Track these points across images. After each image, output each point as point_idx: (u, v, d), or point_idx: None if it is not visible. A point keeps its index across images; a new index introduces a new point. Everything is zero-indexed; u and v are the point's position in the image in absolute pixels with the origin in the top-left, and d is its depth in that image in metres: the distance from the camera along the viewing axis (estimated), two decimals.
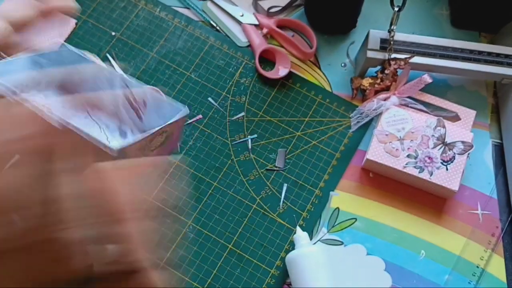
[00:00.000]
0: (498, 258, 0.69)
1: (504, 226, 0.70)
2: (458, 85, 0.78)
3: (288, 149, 0.73)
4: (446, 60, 0.72)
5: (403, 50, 0.72)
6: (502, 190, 0.72)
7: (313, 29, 0.79)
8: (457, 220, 0.70)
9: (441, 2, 0.84)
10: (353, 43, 0.80)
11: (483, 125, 0.76)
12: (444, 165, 0.69)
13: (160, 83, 0.77)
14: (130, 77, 0.35)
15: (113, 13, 0.81)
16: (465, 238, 0.69)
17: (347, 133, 0.74)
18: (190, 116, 0.75)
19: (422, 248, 0.69)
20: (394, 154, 0.69)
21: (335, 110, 0.76)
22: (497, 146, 0.75)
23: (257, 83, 0.77)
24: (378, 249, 0.68)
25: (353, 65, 0.79)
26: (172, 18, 0.81)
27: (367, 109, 0.73)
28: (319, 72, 0.78)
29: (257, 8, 0.82)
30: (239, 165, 0.72)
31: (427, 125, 0.71)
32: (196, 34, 0.80)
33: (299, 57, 0.79)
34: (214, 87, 0.77)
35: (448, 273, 0.68)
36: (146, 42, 0.79)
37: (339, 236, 0.69)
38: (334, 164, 0.73)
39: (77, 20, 0.80)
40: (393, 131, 0.71)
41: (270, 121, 0.75)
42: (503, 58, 0.72)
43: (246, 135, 0.74)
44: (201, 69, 0.78)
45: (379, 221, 0.70)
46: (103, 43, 0.79)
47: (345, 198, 0.71)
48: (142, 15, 0.81)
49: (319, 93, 0.77)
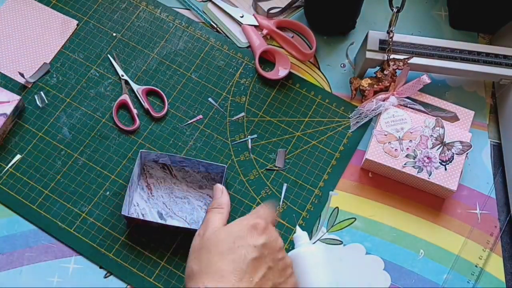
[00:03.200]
0: (497, 258, 0.69)
1: (503, 226, 0.71)
2: (457, 85, 0.78)
3: (287, 149, 0.74)
4: (444, 61, 0.73)
5: (402, 51, 0.73)
6: (500, 189, 0.73)
7: (312, 30, 0.79)
8: (455, 220, 0.71)
9: (440, 3, 0.84)
10: (352, 44, 0.81)
11: (482, 125, 0.76)
12: (442, 165, 0.69)
13: (160, 83, 0.77)
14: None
15: (114, 14, 0.81)
16: (463, 238, 0.70)
17: (347, 133, 0.75)
18: (190, 117, 0.75)
19: (421, 247, 0.69)
20: (393, 154, 0.70)
21: (335, 111, 0.76)
22: (495, 146, 0.75)
23: (257, 83, 0.77)
24: (377, 248, 0.69)
25: (352, 65, 0.79)
26: (173, 19, 0.81)
27: (366, 109, 0.73)
28: (319, 72, 0.79)
29: (257, 9, 0.82)
30: (239, 165, 0.73)
31: (425, 125, 0.71)
32: (197, 35, 0.80)
33: (299, 58, 0.79)
34: (214, 88, 0.77)
35: (447, 272, 0.68)
36: (147, 43, 0.80)
37: (338, 236, 0.69)
38: (334, 164, 0.73)
39: (78, 21, 0.80)
40: (392, 131, 0.71)
41: (270, 121, 0.75)
42: (501, 58, 0.73)
43: (246, 135, 0.74)
44: (201, 70, 0.78)
45: (378, 220, 0.70)
46: (104, 44, 0.79)
47: (345, 198, 0.71)
48: (143, 16, 0.81)
49: (318, 93, 0.77)
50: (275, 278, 0.50)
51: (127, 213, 0.67)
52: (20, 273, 0.66)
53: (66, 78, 0.77)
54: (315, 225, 0.70)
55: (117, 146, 0.73)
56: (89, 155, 0.73)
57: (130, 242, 0.68)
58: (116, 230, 0.68)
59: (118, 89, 0.76)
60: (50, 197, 0.70)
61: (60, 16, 0.81)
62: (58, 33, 0.80)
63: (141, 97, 0.75)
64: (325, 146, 0.74)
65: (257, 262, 0.49)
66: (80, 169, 0.72)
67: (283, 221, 0.70)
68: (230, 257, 0.49)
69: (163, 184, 0.71)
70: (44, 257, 0.67)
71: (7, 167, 0.71)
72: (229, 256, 0.49)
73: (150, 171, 0.71)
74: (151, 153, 0.70)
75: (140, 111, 0.75)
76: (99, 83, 0.77)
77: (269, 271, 0.50)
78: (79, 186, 0.71)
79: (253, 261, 0.49)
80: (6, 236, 0.68)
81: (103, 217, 0.69)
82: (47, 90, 0.76)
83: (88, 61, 0.78)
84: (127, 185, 0.68)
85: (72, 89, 0.76)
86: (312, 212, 0.71)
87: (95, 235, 0.68)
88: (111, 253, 0.67)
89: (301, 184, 0.72)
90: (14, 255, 0.67)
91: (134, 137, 0.74)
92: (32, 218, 0.69)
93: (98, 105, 0.75)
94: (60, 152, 0.72)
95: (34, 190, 0.70)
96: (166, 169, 0.71)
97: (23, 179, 0.71)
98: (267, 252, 0.50)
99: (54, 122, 0.74)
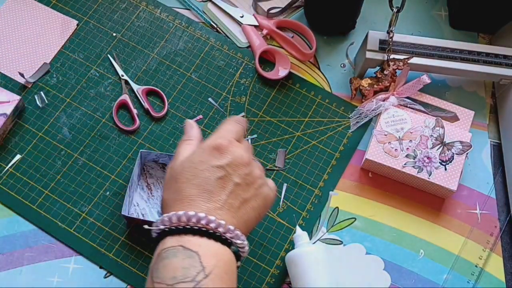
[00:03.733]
0: (497, 258, 0.69)
1: (503, 226, 0.71)
2: (457, 85, 0.78)
3: (287, 149, 0.74)
4: (444, 61, 0.73)
5: (402, 51, 0.73)
6: (500, 189, 0.73)
7: (312, 30, 0.79)
8: (456, 220, 0.71)
9: (440, 3, 0.84)
10: (352, 44, 0.81)
11: (482, 125, 0.76)
12: (442, 165, 0.69)
13: (160, 83, 0.77)
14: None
15: (114, 14, 0.81)
16: (463, 238, 0.70)
17: (347, 133, 0.75)
18: (190, 117, 0.75)
19: (421, 247, 0.69)
20: (393, 154, 0.70)
21: (335, 111, 0.76)
22: (495, 146, 0.75)
23: (257, 83, 0.77)
24: (377, 248, 0.69)
25: (352, 65, 0.79)
26: (173, 19, 0.81)
27: (366, 109, 0.73)
28: (319, 72, 0.79)
29: (257, 9, 0.82)
30: None
31: (425, 125, 0.71)
32: (197, 35, 0.80)
33: (299, 58, 0.79)
34: (214, 88, 0.77)
35: (447, 272, 0.68)
36: (147, 43, 0.80)
37: (338, 236, 0.69)
38: (334, 164, 0.73)
39: (78, 21, 0.80)
40: (392, 131, 0.71)
41: (270, 121, 0.75)
42: (501, 58, 0.73)
43: (246, 135, 0.74)
44: (201, 70, 0.78)
45: (378, 220, 0.70)
46: (104, 44, 0.79)
47: (345, 198, 0.71)
48: (143, 16, 0.81)
49: (318, 93, 0.77)
50: (244, 193, 0.51)
51: (127, 213, 0.67)
52: (20, 273, 0.66)
53: (66, 78, 0.77)
54: (315, 225, 0.70)
55: (117, 146, 0.73)
56: (89, 155, 0.73)
57: (130, 242, 0.68)
58: (116, 230, 0.68)
59: (118, 89, 0.77)
60: (50, 197, 0.70)
61: (60, 16, 0.81)
62: (58, 33, 0.80)
63: (141, 97, 0.75)
64: (325, 146, 0.74)
65: (223, 181, 0.50)
66: (80, 169, 0.72)
67: (283, 221, 0.70)
68: (195, 181, 0.50)
69: (163, 184, 0.71)
70: (44, 257, 0.67)
71: (7, 167, 0.71)
72: (194, 181, 0.50)
73: (150, 171, 0.71)
74: (151, 153, 0.70)
75: (140, 111, 0.75)
76: (99, 83, 0.77)
77: (237, 187, 0.51)
78: (79, 186, 0.71)
79: (218, 181, 0.50)
80: (6, 236, 0.68)
81: (103, 217, 0.69)
82: (47, 90, 0.76)
83: (88, 61, 0.78)
84: (127, 185, 0.68)
85: (72, 89, 0.76)
86: (312, 212, 0.71)
87: (95, 235, 0.68)
88: (111, 253, 0.67)
89: (301, 184, 0.72)
90: (14, 255, 0.67)
91: (134, 137, 0.74)
92: (32, 218, 0.69)
93: (98, 105, 0.75)
94: (60, 152, 0.73)
95: (34, 190, 0.70)
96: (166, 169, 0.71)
97: (23, 179, 0.71)
98: (232, 170, 0.51)
99: (54, 122, 0.74)
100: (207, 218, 0.48)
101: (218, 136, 0.53)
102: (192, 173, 0.51)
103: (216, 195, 0.50)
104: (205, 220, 0.48)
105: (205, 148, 0.52)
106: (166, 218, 0.48)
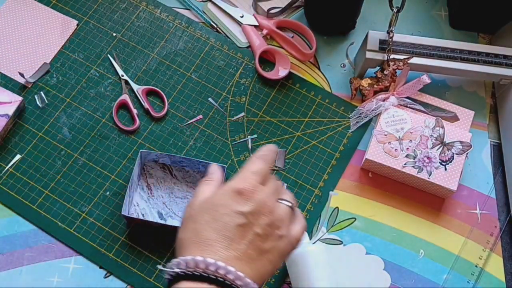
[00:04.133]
0: (497, 258, 0.69)
1: (503, 226, 0.71)
2: (457, 85, 0.78)
3: (287, 149, 0.74)
4: (444, 61, 0.73)
5: (402, 51, 0.73)
6: (500, 189, 0.73)
7: (312, 30, 0.79)
8: (456, 220, 0.71)
9: (440, 3, 0.84)
10: (352, 44, 0.81)
11: (482, 125, 0.76)
12: (442, 165, 0.69)
13: (160, 83, 0.77)
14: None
15: (114, 14, 0.81)
16: (463, 238, 0.70)
17: (347, 133, 0.75)
18: (190, 117, 0.75)
19: (421, 247, 0.69)
20: (393, 154, 0.70)
21: (335, 111, 0.76)
22: (495, 146, 0.75)
23: (257, 83, 0.77)
24: (377, 248, 0.69)
25: (352, 65, 0.79)
26: (173, 19, 0.81)
27: (366, 109, 0.73)
28: (319, 72, 0.79)
29: (257, 9, 0.82)
30: (239, 165, 0.73)
31: (425, 125, 0.71)
32: (197, 35, 0.80)
33: (299, 58, 0.79)
34: (214, 88, 0.77)
35: (447, 272, 0.68)
36: (147, 43, 0.80)
37: (338, 236, 0.69)
38: (334, 164, 0.73)
39: (78, 21, 0.80)
40: (392, 131, 0.71)
41: (270, 121, 0.75)
42: (501, 58, 0.73)
43: (246, 135, 0.74)
44: (201, 70, 0.78)
45: (378, 220, 0.70)
46: (104, 44, 0.79)
47: (345, 198, 0.71)
48: (143, 16, 0.81)
49: (318, 93, 0.77)
50: (263, 244, 0.49)
51: (127, 213, 0.67)
52: (20, 273, 0.66)
53: (66, 78, 0.77)
54: (315, 225, 0.70)
55: (117, 146, 0.73)
56: (89, 155, 0.73)
57: (130, 242, 0.68)
58: (116, 230, 0.68)
59: (118, 89, 0.77)
60: (50, 197, 0.70)
61: (60, 16, 0.81)
62: (58, 33, 0.80)
63: (141, 97, 0.75)
64: (325, 146, 0.74)
65: (243, 229, 0.48)
66: (80, 169, 0.72)
67: None
68: (214, 225, 0.48)
69: (163, 184, 0.71)
70: (44, 257, 0.67)
71: (7, 167, 0.71)
72: (213, 224, 0.48)
73: (150, 171, 0.71)
74: (151, 153, 0.70)
75: (140, 111, 0.75)
76: (99, 83, 0.77)
77: (256, 237, 0.48)
78: (79, 186, 0.71)
79: (238, 228, 0.48)
80: (6, 236, 0.68)
81: (103, 217, 0.69)
82: (47, 90, 0.76)
83: (88, 61, 0.78)
84: (127, 185, 0.68)
85: (72, 89, 0.76)
86: (312, 212, 0.71)
87: (95, 235, 0.68)
88: (111, 253, 0.67)
89: (301, 184, 0.72)
90: (14, 255, 0.67)
91: (134, 137, 0.74)
92: (32, 218, 0.69)
93: (98, 105, 0.75)
94: (60, 152, 0.73)
95: (34, 190, 0.70)
96: (166, 169, 0.71)
97: (23, 179, 0.71)
98: (253, 218, 0.48)
99: (54, 122, 0.74)
100: (226, 269, 0.45)
101: (241, 179, 0.50)
102: (211, 215, 0.48)
103: (235, 243, 0.47)
104: (224, 270, 0.45)
105: (227, 191, 0.50)
106: (182, 262, 0.46)
